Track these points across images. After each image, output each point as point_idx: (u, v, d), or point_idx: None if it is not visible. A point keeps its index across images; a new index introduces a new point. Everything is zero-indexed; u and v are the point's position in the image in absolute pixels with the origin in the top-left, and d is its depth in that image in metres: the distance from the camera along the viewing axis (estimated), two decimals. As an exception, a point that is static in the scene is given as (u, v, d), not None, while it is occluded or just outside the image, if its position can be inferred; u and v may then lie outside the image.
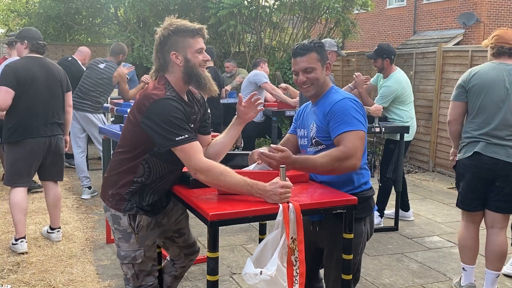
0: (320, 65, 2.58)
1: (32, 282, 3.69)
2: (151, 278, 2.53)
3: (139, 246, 2.46)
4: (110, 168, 2.50)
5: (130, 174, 2.40)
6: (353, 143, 2.39)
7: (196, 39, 2.36)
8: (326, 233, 2.57)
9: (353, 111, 2.47)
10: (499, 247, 3.45)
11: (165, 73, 2.39)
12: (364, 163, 2.58)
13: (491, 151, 3.39)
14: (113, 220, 2.47)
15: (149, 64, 9.14)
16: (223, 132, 2.70)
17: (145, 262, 2.49)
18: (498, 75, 3.45)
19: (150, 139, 2.29)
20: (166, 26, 2.35)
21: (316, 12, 10.25)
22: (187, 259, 2.84)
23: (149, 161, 2.37)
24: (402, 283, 3.83)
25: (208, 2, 9.40)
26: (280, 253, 2.14)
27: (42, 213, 5.31)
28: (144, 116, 2.26)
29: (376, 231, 4.93)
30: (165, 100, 2.26)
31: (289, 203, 2.18)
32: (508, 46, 3.46)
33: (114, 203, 2.44)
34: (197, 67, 2.36)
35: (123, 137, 2.45)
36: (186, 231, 2.79)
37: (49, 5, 10.08)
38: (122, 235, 2.47)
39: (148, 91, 2.34)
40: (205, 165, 2.23)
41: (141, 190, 2.43)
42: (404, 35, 17.86)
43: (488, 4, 15.19)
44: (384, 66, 5.04)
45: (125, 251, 2.48)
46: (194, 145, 2.26)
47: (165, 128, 2.21)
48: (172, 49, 2.34)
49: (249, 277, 2.11)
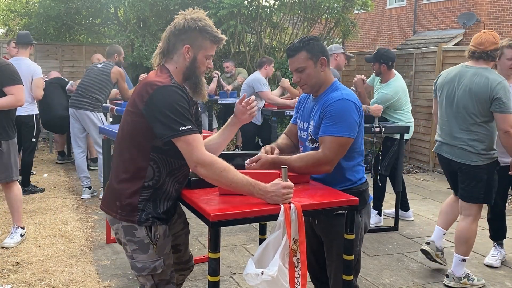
0: (312, 62, 2.55)
1: (32, 282, 3.68)
2: (172, 286, 2.40)
3: (158, 256, 2.31)
4: (114, 175, 2.33)
5: (139, 179, 2.24)
6: (333, 150, 2.43)
7: (213, 45, 2.30)
8: (326, 225, 2.59)
9: (346, 114, 2.46)
10: (460, 232, 3.76)
11: (168, 62, 2.30)
12: (360, 160, 2.63)
13: (443, 151, 3.80)
14: (126, 231, 2.29)
15: (149, 64, 9.13)
16: (217, 133, 2.66)
17: (165, 271, 2.36)
18: (455, 75, 3.72)
19: (151, 128, 2.17)
20: (195, 17, 2.24)
21: (316, 12, 10.26)
22: (177, 273, 2.63)
23: (157, 160, 2.24)
24: (402, 283, 3.83)
25: (208, 2, 9.40)
26: (282, 254, 2.14)
27: (42, 213, 5.31)
28: (146, 103, 2.15)
29: (376, 231, 4.94)
30: (170, 87, 2.16)
31: (291, 203, 2.18)
32: (474, 49, 3.66)
33: (125, 214, 2.26)
34: (200, 71, 2.31)
35: (122, 133, 2.32)
36: (183, 248, 2.65)
37: (49, 5, 10.07)
38: (138, 246, 2.29)
39: (150, 79, 2.22)
40: (208, 158, 2.14)
41: (154, 197, 2.27)
42: (404, 35, 17.86)
43: (488, 4, 15.20)
44: (381, 71, 5.09)
45: (142, 263, 2.31)
46: (197, 137, 2.16)
47: (169, 116, 2.11)
48: (188, 42, 2.25)
49: (251, 278, 2.10)
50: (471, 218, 3.72)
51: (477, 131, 3.59)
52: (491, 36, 3.63)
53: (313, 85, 2.59)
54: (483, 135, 3.59)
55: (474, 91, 3.55)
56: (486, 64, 3.64)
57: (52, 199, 5.87)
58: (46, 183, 6.61)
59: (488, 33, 3.67)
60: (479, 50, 3.62)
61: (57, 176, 7.04)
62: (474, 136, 3.59)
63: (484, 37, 3.63)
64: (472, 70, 3.62)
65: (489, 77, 3.53)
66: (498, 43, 3.67)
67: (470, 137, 3.60)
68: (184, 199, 2.41)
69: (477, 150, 3.59)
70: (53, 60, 9.82)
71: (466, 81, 3.61)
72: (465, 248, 3.74)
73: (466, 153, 3.62)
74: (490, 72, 3.58)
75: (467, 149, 3.61)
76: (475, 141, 3.59)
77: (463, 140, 3.63)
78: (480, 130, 3.59)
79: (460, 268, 3.76)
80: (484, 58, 3.63)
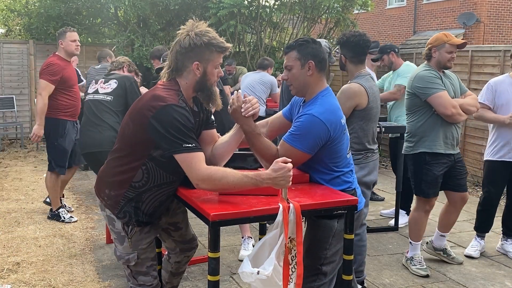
0: (300, 64, 2.53)
1: (32, 282, 3.68)
2: (149, 278, 2.51)
3: (132, 250, 2.46)
4: (106, 168, 2.46)
5: (128, 177, 2.35)
6: (283, 154, 2.39)
7: (220, 54, 2.34)
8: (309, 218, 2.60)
9: (309, 131, 2.42)
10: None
11: (178, 77, 2.34)
12: (340, 174, 2.56)
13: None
14: (108, 220, 2.50)
15: (149, 64, 9.13)
16: (228, 134, 2.63)
17: (139, 264, 2.48)
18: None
19: (152, 140, 2.25)
20: (198, 33, 2.27)
21: (316, 12, 10.25)
22: (182, 254, 2.80)
23: (148, 166, 2.33)
24: (402, 283, 3.83)
25: (208, 2, 9.41)
26: (277, 253, 2.15)
27: (42, 213, 5.31)
28: (153, 117, 2.21)
29: (376, 231, 4.94)
30: (177, 107, 2.21)
31: (290, 203, 2.18)
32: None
33: (110, 203, 2.43)
34: (211, 82, 2.34)
35: (122, 135, 2.40)
36: (183, 225, 2.76)
37: (49, 5, 10.07)
38: (117, 237, 2.48)
39: (159, 92, 2.28)
40: (205, 173, 2.18)
41: (137, 198, 2.38)
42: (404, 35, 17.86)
43: (488, 4, 15.19)
44: (392, 60, 5.15)
45: (120, 252, 2.50)
46: (198, 155, 2.21)
47: (173, 134, 2.18)
48: (197, 59, 2.29)
49: (246, 276, 2.11)
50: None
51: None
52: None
53: (297, 87, 2.58)
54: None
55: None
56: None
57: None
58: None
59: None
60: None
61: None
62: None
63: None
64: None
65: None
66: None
67: None
68: (183, 199, 2.42)
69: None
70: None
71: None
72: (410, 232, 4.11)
73: None
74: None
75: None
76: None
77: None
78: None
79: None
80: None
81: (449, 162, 3.87)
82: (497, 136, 4.24)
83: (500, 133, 4.21)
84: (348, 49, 3.43)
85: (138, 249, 2.47)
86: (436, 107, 3.74)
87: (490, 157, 4.29)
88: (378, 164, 3.60)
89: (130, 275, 2.52)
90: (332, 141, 2.49)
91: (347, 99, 3.33)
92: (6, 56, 9.79)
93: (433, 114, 3.77)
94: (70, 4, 10.01)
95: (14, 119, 9.62)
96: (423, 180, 3.86)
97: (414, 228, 4.03)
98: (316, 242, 2.54)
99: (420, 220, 4.00)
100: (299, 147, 2.45)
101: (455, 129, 3.85)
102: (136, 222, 2.43)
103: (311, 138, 2.43)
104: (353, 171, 2.68)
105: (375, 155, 3.50)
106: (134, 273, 2.50)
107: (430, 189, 3.87)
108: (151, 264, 2.53)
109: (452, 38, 3.82)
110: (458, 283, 3.83)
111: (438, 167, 3.83)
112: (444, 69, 3.86)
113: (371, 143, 3.47)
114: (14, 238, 4.56)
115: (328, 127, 2.44)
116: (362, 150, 3.41)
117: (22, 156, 8.42)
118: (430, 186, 3.87)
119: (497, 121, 4.17)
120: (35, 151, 8.91)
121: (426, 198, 3.92)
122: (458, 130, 3.90)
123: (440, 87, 3.73)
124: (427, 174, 3.84)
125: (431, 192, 3.89)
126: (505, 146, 4.19)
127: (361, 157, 3.39)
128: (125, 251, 2.47)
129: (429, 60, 3.86)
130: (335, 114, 2.51)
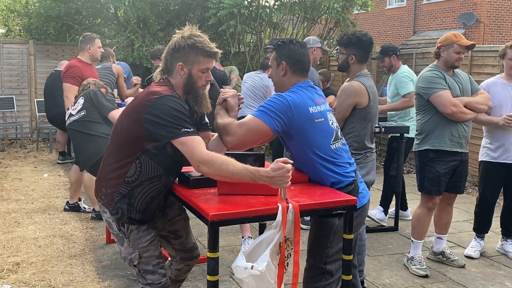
0: (276, 64, 2.61)
1: (32, 282, 3.69)
2: (157, 277, 2.51)
3: (133, 249, 2.49)
4: (102, 168, 2.51)
5: (122, 173, 2.39)
6: (243, 126, 2.43)
7: (207, 59, 2.39)
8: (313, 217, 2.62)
9: (270, 103, 2.46)
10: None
11: (169, 77, 2.44)
12: (336, 167, 2.54)
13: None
14: (108, 224, 2.55)
15: (149, 64, 9.13)
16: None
17: (144, 263, 2.50)
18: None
19: (146, 134, 2.29)
20: (184, 36, 2.37)
21: (316, 12, 10.25)
22: (182, 263, 2.81)
23: (142, 160, 2.37)
24: (402, 283, 3.83)
25: (208, 2, 9.40)
26: (272, 251, 2.15)
27: (42, 213, 5.31)
28: (148, 111, 2.26)
29: (376, 231, 4.94)
30: (171, 97, 2.29)
31: (289, 203, 2.18)
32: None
33: (106, 201, 2.47)
34: (198, 85, 2.41)
35: (114, 132, 2.45)
36: (184, 233, 2.76)
37: (49, 5, 10.06)
38: (118, 239, 2.53)
39: (153, 89, 2.35)
40: (207, 156, 2.21)
41: (130, 194, 2.42)
42: (404, 35, 17.86)
43: (488, 4, 15.19)
44: (393, 63, 5.17)
45: (123, 254, 2.54)
46: (197, 138, 2.26)
47: (170, 121, 2.23)
48: (181, 60, 2.38)
49: (239, 270, 2.12)
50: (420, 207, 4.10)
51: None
52: None
53: (275, 85, 2.66)
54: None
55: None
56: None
57: (52, 199, 5.88)
58: (46, 183, 6.62)
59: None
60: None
61: (57, 176, 7.04)
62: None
63: None
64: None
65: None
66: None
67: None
68: (183, 199, 2.42)
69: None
70: (53, 60, 9.82)
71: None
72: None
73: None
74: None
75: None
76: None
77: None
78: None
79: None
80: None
81: (456, 161, 3.90)
82: (492, 138, 4.26)
83: (494, 135, 4.22)
84: (360, 49, 3.46)
85: (139, 248, 2.48)
86: (437, 106, 3.79)
87: (484, 158, 4.31)
88: (376, 164, 3.61)
89: (138, 275, 2.54)
90: (298, 128, 2.45)
91: (347, 97, 3.35)
92: (6, 56, 9.79)
93: (437, 113, 3.83)
94: (70, 4, 10.01)
95: (14, 119, 9.63)
96: (426, 177, 3.91)
97: (416, 226, 4.05)
98: (318, 240, 2.55)
99: (423, 218, 4.01)
100: (256, 114, 2.47)
101: (463, 128, 3.87)
102: (128, 219, 2.45)
103: (272, 112, 2.44)
104: (350, 164, 2.65)
105: (373, 155, 3.52)
106: (142, 272, 2.52)
107: (432, 186, 3.90)
108: (157, 262, 2.53)
109: (462, 39, 3.85)
110: (458, 283, 3.83)
111: (442, 165, 3.86)
112: (452, 68, 3.90)
113: (370, 142, 3.49)
114: (14, 238, 4.56)
115: (290, 104, 2.45)
116: (362, 149, 3.43)
117: (22, 156, 8.43)
118: (432, 183, 3.90)
119: (491, 123, 4.18)
120: (35, 151, 8.92)
121: (428, 195, 3.96)
122: (467, 128, 3.91)
123: (441, 86, 3.76)
124: (430, 171, 3.89)
125: (433, 189, 3.91)
126: (500, 147, 4.20)
127: (360, 157, 3.41)
128: (126, 251, 2.51)
129: (438, 58, 3.92)
130: (303, 100, 2.49)
